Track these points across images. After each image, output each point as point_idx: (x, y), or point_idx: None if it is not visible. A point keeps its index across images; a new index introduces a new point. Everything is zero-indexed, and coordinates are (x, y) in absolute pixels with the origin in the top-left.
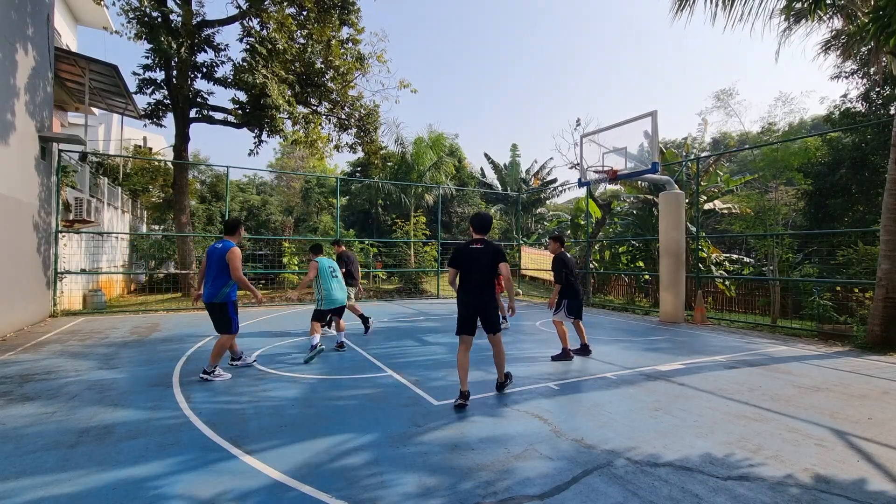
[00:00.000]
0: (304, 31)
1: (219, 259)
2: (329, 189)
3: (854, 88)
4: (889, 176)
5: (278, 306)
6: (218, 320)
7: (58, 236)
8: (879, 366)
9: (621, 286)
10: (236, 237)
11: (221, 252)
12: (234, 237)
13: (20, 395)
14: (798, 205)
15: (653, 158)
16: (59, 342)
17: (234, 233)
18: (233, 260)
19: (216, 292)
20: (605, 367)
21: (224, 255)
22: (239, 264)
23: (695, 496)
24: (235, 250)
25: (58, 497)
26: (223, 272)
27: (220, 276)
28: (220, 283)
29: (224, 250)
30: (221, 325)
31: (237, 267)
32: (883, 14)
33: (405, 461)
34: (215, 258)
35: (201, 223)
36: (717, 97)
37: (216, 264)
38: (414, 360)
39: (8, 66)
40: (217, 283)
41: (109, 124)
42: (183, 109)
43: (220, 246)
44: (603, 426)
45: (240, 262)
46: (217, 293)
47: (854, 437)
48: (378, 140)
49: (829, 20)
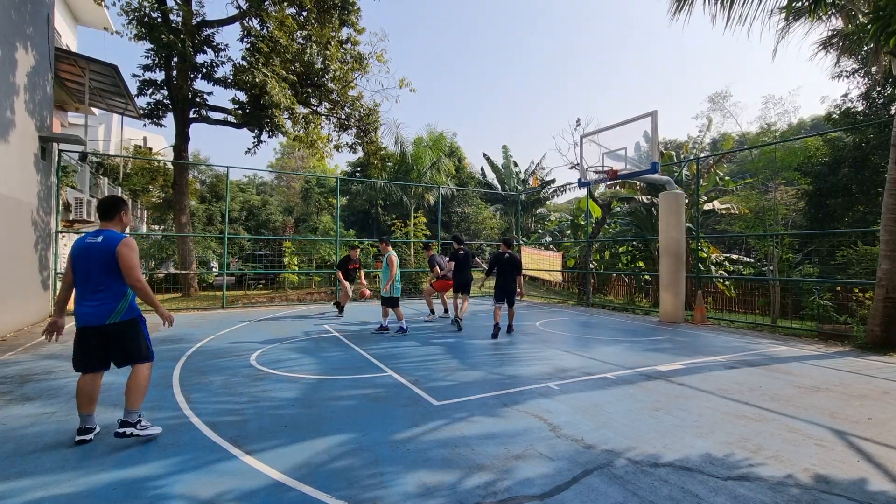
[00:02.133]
0: (303, 31)
1: (100, 258)
2: (329, 189)
3: (855, 88)
4: (889, 176)
5: (278, 306)
6: (124, 345)
7: (58, 236)
8: (879, 366)
9: (621, 286)
10: (118, 223)
11: (104, 247)
12: (116, 223)
13: (20, 395)
14: (798, 205)
15: (653, 158)
16: (59, 342)
17: (112, 217)
18: (128, 257)
19: (108, 308)
20: (605, 367)
21: (111, 252)
22: (136, 261)
23: (695, 496)
24: (132, 241)
25: (58, 497)
26: (111, 276)
27: (106, 284)
28: (112, 294)
29: (109, 244)
30: (131, 350)
31: (134, 266)
32: (883, 14)
33: (405, 461)
34: (93, 259)
35: (201, 223)
36: (712, 100)
37: (97, 267)
38: (414, 361)
39: (8, 65)
40: (106, 295)
41: (109, 124)
42: (183, 109)
43: (98, 240)
44: (603, 426)
45: (137, 258)
46: (110, 308)
47: (854, 437)
48: (378, 140)
49: (828, 19)
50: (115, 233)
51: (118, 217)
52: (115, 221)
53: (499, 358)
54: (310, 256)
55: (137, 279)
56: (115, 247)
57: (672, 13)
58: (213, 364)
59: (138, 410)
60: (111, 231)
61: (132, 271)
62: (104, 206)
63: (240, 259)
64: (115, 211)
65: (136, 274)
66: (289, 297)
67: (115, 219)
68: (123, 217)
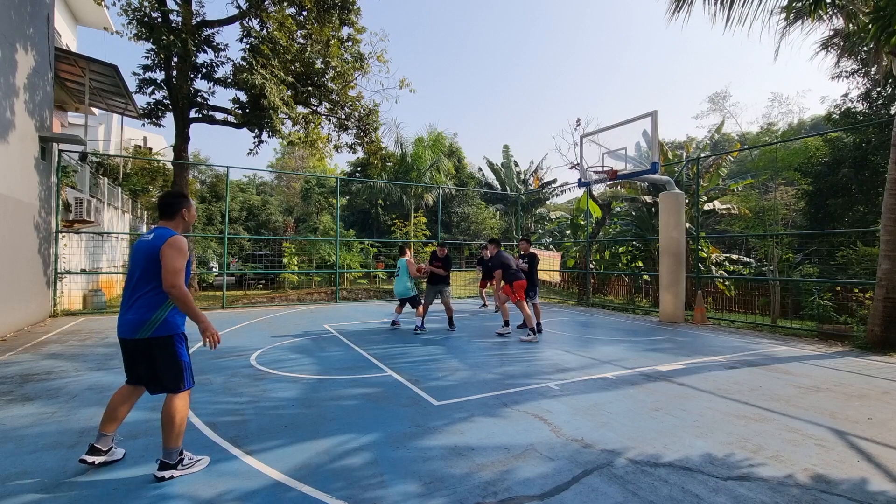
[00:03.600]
0: (303, 30)
1: (144, 259)
2: (329, 189)
3: (855, 88)
4: (889, 176)
5: (278, 306)
6: (156, 368)
7: (58, 236)
8: (879, 366)
9: (621, 286)
10: (179, 222)
11: (149, 246)
12: (176, 222)
13: (20, 395)
14: (798, 205)
15: (653, 159)
16: (59, 342)
17: (172, 214)
18: (170, 257)
19: (140, 319)
20: (606, 367)
21: (155, 251)
22: (182, 264)
23: (695, 496)
24: (179, 241)
25: (57, 497)
26: (150, 282)
27: (143, 290)
28: (147, 303)
29: (156, 242)
30: (160, 376)
31: (176, 269)
32: (883, 14)
33: (405, 461)
34: (138, 260)
35: (201, 223)
36: (712, 100)
37: (139, 269)
38: (414, 361)
39: (8, 65)
40: (141, 303)
41: (109, 124)
42: (183, 109)
43: (149, 238)
44: (603, 426)
45: (184, 262)
46: (142, 320)
47: (854, 437)
48: (378, 140)
49: (829, 19)
50: (166, 230)
51: (180, 215)
52: (177, 220)
53: (499, 358)
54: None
55: (173, 284)
56: (161, 246)
57: (671, 13)
58: (213, 364)
59: (176, 449)
60: (164, 229)
61: (169, 275)
62: (163, 202)
63: (240, 259)
64: (176, 208)
65: (174, 279)
66: (289, 297)
67: (177, 217)
68: (186, 215)
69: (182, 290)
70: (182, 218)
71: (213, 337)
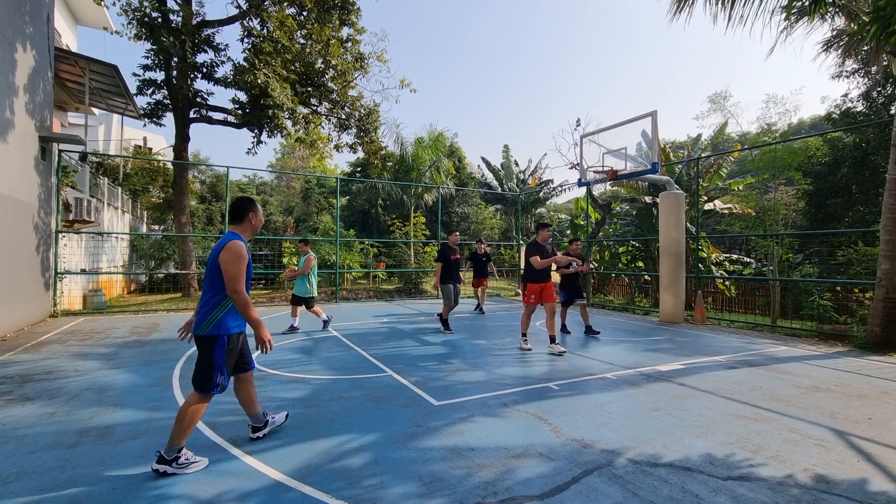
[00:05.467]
0: (304, 30)
1: (210, 262)
2: (329, 189)
3: (855, 88)
4: (889, 176)
5: (278, 306)
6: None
7: (58, 236)
8: (879, 366)
9: (621, 286)
10: (247, 226)
11: (214, 250)
12: (244, 226)
13: (20, 395)
14: (798, 205)
15: (653, 159)
16: (59, 342)
17: (240, 219)
18: (228, 263)
19: (202, 318)
20: (606, 367)
21: (216, 256)
22: (240, 270)
23: (695, 496)
24: (235, 246)
25: (58, 497)
26: (212, 283)
27: (205, 290)
28: (209, 303)
29: (218, 247)
30: (197, 372)
31: (235, 275)
32: (883, 14)
33: (405, 461)
34: (208, 263)
35: (201, 223)
36: (712, 100)
37: (207, 271)
38: (414, 361)
39: (8, 65)
40: (203, 302)
41: (109, 124)
42: (183, 109)
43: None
44: (603, 426)
45: (242, 267)
46: (202, 319)
47: (854, 437)
48: (378, 140)
49: (830, 19)
50: (230, 235)
51: (247, 219)
52: (245, 224)
53: (499, 358)
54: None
55: (235, 290)
56: (220, 251)
57: (672, 14)
58: None
59: (177, 446)
60: (230, 233)
61: (231, 282)
62: (232, 207)
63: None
64: (243, 213)
65: (235, 284)
66: (289, 296)
67: (244, 221)
68: (252, 219)
69: (243, 296)
70: (249, 222)
71: (267, 344)
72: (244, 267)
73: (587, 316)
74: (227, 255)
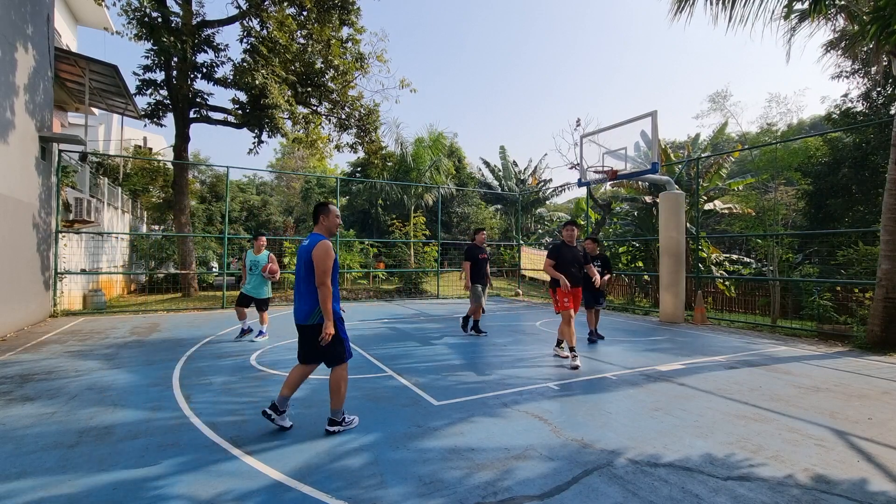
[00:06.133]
0: (304, 30)
1: (303, 260)
2: (329, 189)
3: (855, 88)
4: (889, 176)
5: (278, 307)
6: (323, 347)
7: (58, 236)
8: (879, 366)
9: (621, 286)
10: (321, 227)
11: (306, 249)
12: (320, 227)
13: (20, 395)
14: (798, 205)
15: (653, 159)
16: (59, 342)
17: (317, 222)
18: (319, 259)
19: (310, 308)
20: (606, 367)
21: (309, 255)
22: (329, 265)
23: (695, 496)
24: (323, 246)
25: (58, 497)
26: (309, 278)
27: (306, 285)
28: (310, 295)
29: (309, 247)
30: (329, 353)
31: (324, 270)
32: (883, 14)
33: (405, 461)
34: (300, 261)
35: (201, 223)
36: (713, 100)
37: (302, 268)
38: (414, 361)
39: (8, 65)
40: (306, 296)
41: (109, 124)
42: (183, 110)
43: (306, 243)
44: (603, 426)
45: (330, 263)
46: (311, 310)
47: (854, 437)
48: (378, 140)
49: (834, 19)
50: (317, 236)
51: (320, 221)
52: (320, 226)
53: (499, 358)
54: None
55: (322, 282)
56: (312, 250)
57: (673, 14)
58: (213, 364)
59: (339, 409)
60: (315, 235)
61: (321, 275)
62: (314, 212)
63: (240, 259)
64: (316, 216)
65: (323, 277)
66: (289, 297)
67: (319, 223)
68: (323, 220)
69: (327, 287)
70: (322, 223)
71: (327, 336)
72: (331, 263)
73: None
74: (319, 251)
